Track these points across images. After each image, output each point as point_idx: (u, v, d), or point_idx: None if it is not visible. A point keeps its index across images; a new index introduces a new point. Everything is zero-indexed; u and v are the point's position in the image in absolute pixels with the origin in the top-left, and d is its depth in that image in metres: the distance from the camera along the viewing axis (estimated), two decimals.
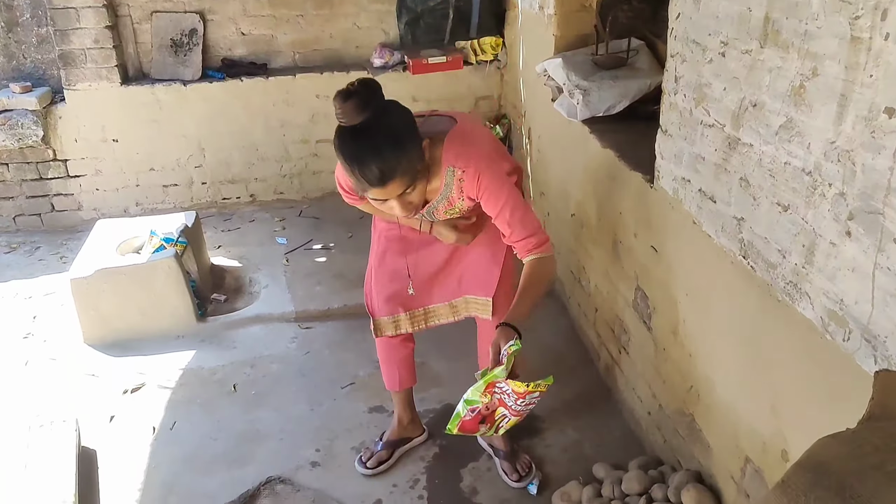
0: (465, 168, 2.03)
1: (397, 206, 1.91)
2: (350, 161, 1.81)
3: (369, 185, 1.82)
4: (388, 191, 1.84)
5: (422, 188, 1.97)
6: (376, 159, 1.77)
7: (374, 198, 1.89)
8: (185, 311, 3.49)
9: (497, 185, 2.04)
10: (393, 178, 1.81)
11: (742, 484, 1.98)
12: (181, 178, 4.84)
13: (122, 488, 2.57)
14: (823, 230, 1.51)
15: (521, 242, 2.07)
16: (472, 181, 2.04)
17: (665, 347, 2.45)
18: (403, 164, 1.82)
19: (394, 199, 1.88)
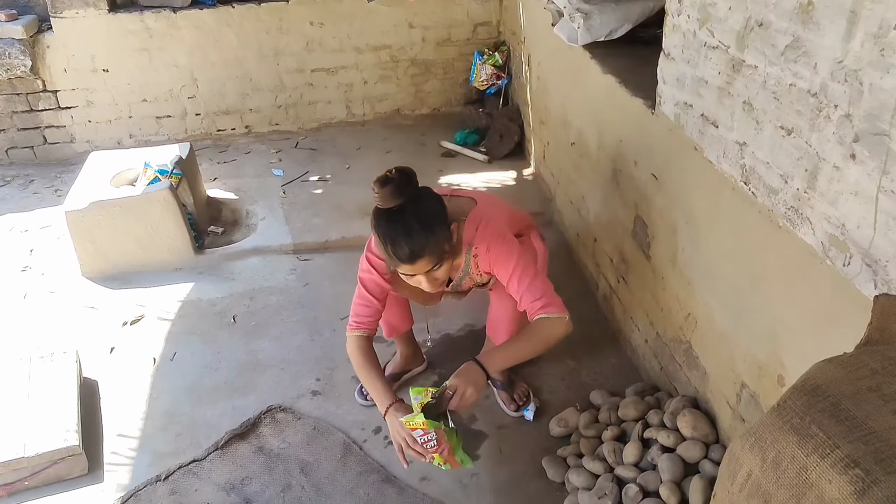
0: (477, 245, 2.22)
1: (424, 282, 2.08)
2: (384, 239, 1.98)
3: (400, 262, 1.99)
4: (416, 268, 2.01)
5: (448, 266, 2.11)
6: (407, 239, 1.95)
7: (403, 272, 2.06)
8: (182, 243, 3.47)
9: (504, 257, 2.18)
10: (421, 256, 1.98)
11: (737, 409, 2.00)
12: (174, 109, 4.75)
13: (125, 418, 2.60)
14: (827, 153, 1.48)
15: (529, 306, 2.16)
16: (484, 256, 2.23)
17: (664, 276, 2.44)
18: (431, 244, 1.98)
19: (421, 274, 2.05)
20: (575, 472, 2.21)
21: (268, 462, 2.39)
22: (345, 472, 2.35)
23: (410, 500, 2.24)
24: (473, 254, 2.24)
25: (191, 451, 2.45)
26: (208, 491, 2.29)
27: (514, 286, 2.17)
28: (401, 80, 5.02)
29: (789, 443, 1.09)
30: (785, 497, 1.06)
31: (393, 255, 1.98)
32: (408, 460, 2.10)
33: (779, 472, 1.08)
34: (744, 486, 1.15)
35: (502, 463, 2.38)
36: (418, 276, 2.06)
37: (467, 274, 2.32)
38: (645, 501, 2.01)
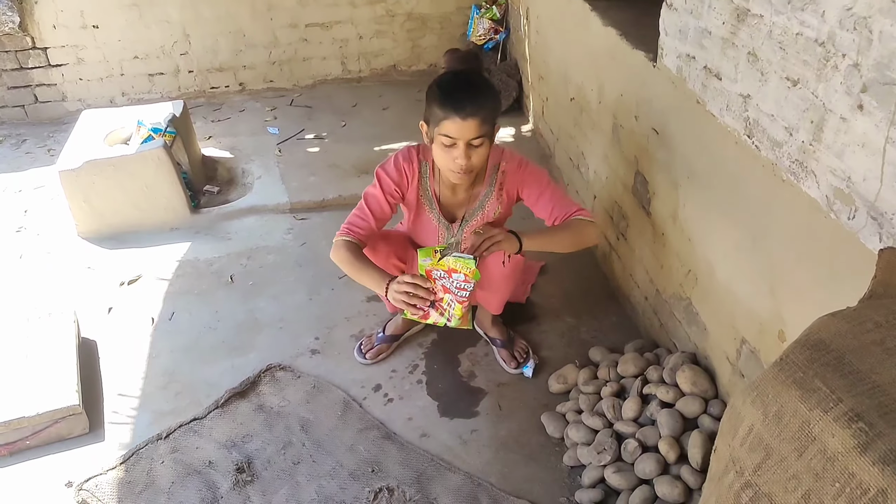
0: (509, 161, 2.23)
1: (462, 154, 2.00)
2: (444, 90, 1.99)
3: (452, 111, 1.94)
4: (466, 126, 1.96)
5: (484, 152, 2.07)
6: (469, 92, 1.97)
7: (447, 134, 1.98)
8: (178, 202, 3.44)
9: (539, 173, 2.24)
10: (477, 114, 1.95)
11: (737, 364, 2.00)
12: (167, 66, 4.68)
13: (124, 377, 2.60)
14: (834, 104, 1.44)
15: (564, 213, 2.19)
16: (514, 173, 2.24)
17: (664, 232, 2.42)
18: (489, 106, 1.99)
19: (463, 143, 1.99)
20: (574, 427, 2.22)
21: (268, 420, 2.40)
22: (345, 429, 2.36)
23: (410, 456, 2.26)
24: (501, 169, 2.24)
25: (191, 409, 2.45)
26: (209, 449, 2.30)
27: (546, 197, 2.21)
28: (397, 34, 4.94)
29: (792, 397, 1.08)
30: (787, 451, 1.05)
31: (449, 106, 1.95)
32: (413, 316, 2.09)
33: (781, 427, 1.08)
34: (745, 440, 1.14)
35: (502, 419, 2.39)
36: (458, 147, 2.00)
37: (487, 199, 2.29)
38: (644, 456, 2.02)
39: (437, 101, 1.99)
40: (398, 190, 2.25)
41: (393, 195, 2.25)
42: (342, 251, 2.20)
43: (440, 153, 2.06)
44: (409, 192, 2.30)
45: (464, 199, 2.32)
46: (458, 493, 2.14)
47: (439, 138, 2.02)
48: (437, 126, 2.00)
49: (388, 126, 4.48)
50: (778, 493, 1.05)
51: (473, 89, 2.00)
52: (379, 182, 2.24)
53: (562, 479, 2.18)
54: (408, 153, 2.26)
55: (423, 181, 2.29)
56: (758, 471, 1.09)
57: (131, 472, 2.23)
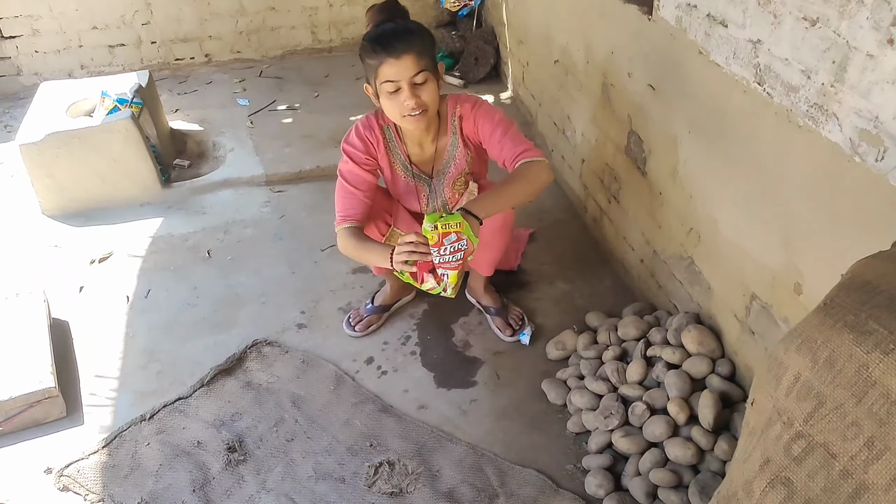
0: (462, 105, 2.16)
1: (408, 95, 1.93)
2: (370, 39, 1.93)
3: (384, 54, 1.89)
4: (401, 64, 1.90)
5: (432, 89, 2.00)
6: (394, 32, 1.92)
7: (388, 80, 1.92)
8: (147, 176, 3.28)
9: (490, 112, 2.15)
10: (408, 50, 1.89)
11: (746, 322, 1.94)
12: (128, 37, 4.47)
13: (101, 358, 2.47)
14: (860, 42, 1.38)
15: (512, 153, 2.07)
16: (468, 116, 2.16)
17: (661, 191, 2.36)
18: (418, 40, 1.93)
19: (406, 84, 1.92)
20: (577, 393, 2.16)
21: (257, 397, 2.30)
22: (339, 403, 2.27)
23: (409, 429, 2.18)
24: (459, 115, 2.17)
25: (174, 388, 2.34)
26: (196, 428, 2.19)
27: (497, 137, 2.11)
28: (368, 2, 4.77)
29: (845, 341, 1.02)
30: (843, 397, 0.99)
31: (378, 49, 1.90)
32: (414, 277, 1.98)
33: (834, 372, 1.02)
34: (791, 390, 1.08)
35: (501, 388, 2.32)
36: (403, 90, 1.93)
37: (453, 158, 2.25)
38: (653, 418, 1.97)
39: (368, 52, 1.94)
40: (369, 158, 2.17)
41: (366, 163, 2.17)
42: (346, 240, 2.11)
43: (389, 104, 1.99)
44: (379, 160, 2.23)
45: (432, 153, 2.26)
46: (462, 464, 2.06)
47: (382, 88, 1.96)
48: (376, 76, 1.94)
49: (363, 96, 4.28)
50: (835, 441, 0.99)
51: (400, 29, 1.95)
52: (348, 157, 2.16)
53: (567, 446, 2.12)
54: (367, 121, 2.20)
55: (390, 145, 2.23)
56: (809, 420, 1.03)
57: (115, 455, 2.11)
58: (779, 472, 1.06)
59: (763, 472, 1.09)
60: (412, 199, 2.39)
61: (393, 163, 2.27)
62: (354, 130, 2.19)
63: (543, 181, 2.04)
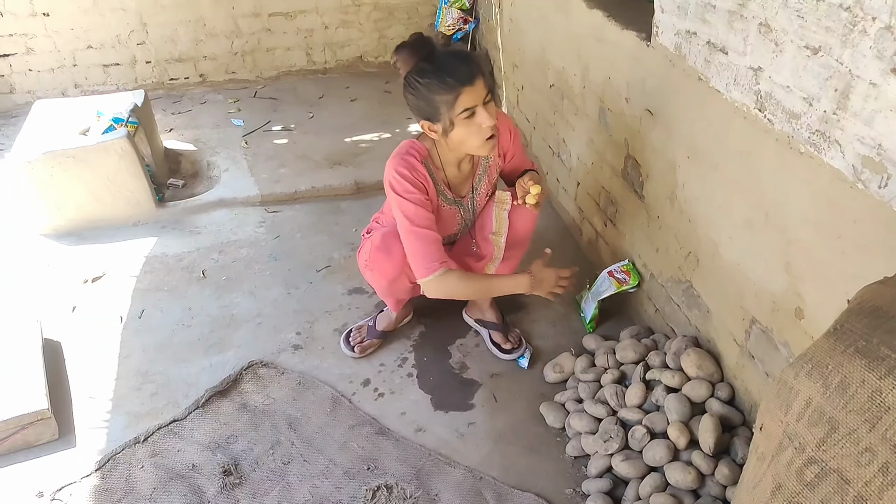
0: (501, 120, 2.18)
1: (487, 116, 1.94)
2: (433, 78, 1.90)
3: (460, 85, 1.88)
4: (477, 89, 1.91)
5: (495, 109, 2.01)
6: (460, 61, 1.92)
7: (465, 106, 1.91)
8: (142, 195, 3.27)
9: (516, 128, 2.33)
10: (481, 72, 1.93)
11: (746, 346, 1.95)
12: (123, 56, 4.47)
13: (94, 379, 2.43)
14: (862, 70, 1.40)
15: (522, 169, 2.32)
16: (505, 128, 2.24)
17: (659, 215, 2.37)
18: (479, 64, 1.97)
19: (482, 106, 1.93)
20: (576, 416, 2.15)
21: (253, 419, 2.27)
22: (336, 426, 2.25)
23: (407, 452, 2.16)
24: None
25: (169, 410, 2.31)
26: (192, 451, 2.16)
27: (518, 150, 2.33)
28: (363, 25, 4.82)
29: (857, 366, 1.03)
30: (856, 422, 1.00)
31: (454, 81, 1.88)
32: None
33: (846, 398, 1.02)
34: (802, 415, 1.08)
35: (498, 411, 2.31)
36: (479, 113, 1.93)
37: (486, 171, 2.30)
38: (653, 443, 1.96)
39: (435, 88, 1.90)
40: (427, 197, 2.09)
41: (424, 205, 2.07)
42: (456, 282, 2.10)
43: (467, 132, 1.96)
44: (430, 195, 2.14)
45: (469, 171, 2.26)
46: (460, 488, 2.04)
47: (460, 118, 1.93)
48: (452, 108, 1.92)
49: (358, 117, 4.36)
50: (849, 467, 0.99)
51: (461, 56, 1.96)
52: (407, 199, 2.04)
53: (566, 470, 2.11)
54: (407, 163, 2.06)
55: (433, 178, 2.15)
56: (822, 446, 1.03)
57: (108, 478, 2.08)
58: (791, 498, 1.06)
59: (775, 497, 1.09)
60: (452, 224, 2.33)
61: (439, 196, 2.20)
62: (401, 176, 2.04)
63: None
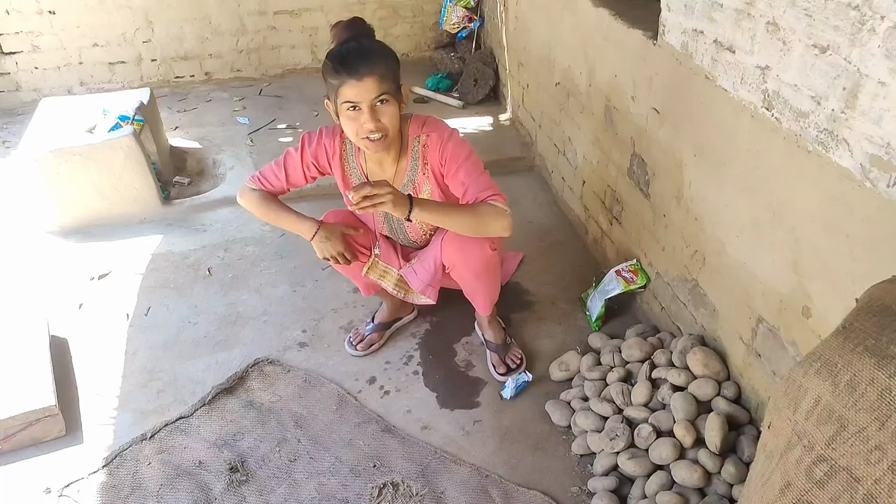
0: (429, 133, 2.09)
1: (367, 117, 1.89)
2: (332, 60, 1.89)
3: (346, 75, 1.84)
4: (363, 86, 1.85)
5: (392, 112, 1.94)
6: (357, 52, 1.87)
7: (348, 100, 1.87)
8: (148, 193, 3.28)
9: (460, 146, 2.08)
10: (372, 73, 1.85)
11: (752, 344, 1.95)
12: (129, 54, 4.48)
13: (101, 376, 2.45)
14: (871, 69, 1.40)
15: (477, 196, 2.02)
16: (435, 145, 2.08)
17: (665, 213, 2.37)
18: (382, 62, 1.88)
19: (366, 106, 1.87)
20: (582, 414, 2.15)
21: (259, 416, 2.28)
22: (341, 423, 2.26)
23: (413, 450, 2.16)
24: (423, 143, 2.11)
25: (175, 407, 2.32)
26: (198, 448, 2.16)
27: (461, 176, 2.04)
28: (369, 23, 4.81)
29: (866, 365, 1.03)
30: (866, 421, 1.00)
31: (340, 70, 1.85)
32: None
33: (856, 396, 1.02)
34: (811, 413, 1.08)
35: (504, 409, 2.31)
36: (363, 112, 1.88)
37: (415, 173, 2.16)
38: (659, 441, 1.96)
39: (330, 71, 1.90)
40: (315, 163, 2.18)
41: (309, 167, 2.18)
42: (250, 197, 2.21)
43: (348, 124, 1.95)
44: (333, 170, 2.20)
45: (392, 174, 2.18)
46: (466, 485, 2.05)
47: (342, 108, 1.91)
48: (337, 96, 1.90)
49: None
50: (859, 465, 0.99)
51: (364, 50, 1.90)
52: (301, 148, 2.17)
53: (571, 468, 2.11)
54: (333, 129, 2.18)
55: (348, 159, 2.19)
56: (831, 444, 1.03)
57: (115, 475, 2.09)
58: (801, 496, 1.06)
59: (784, 495, 1.09)
60: (367, 217, 2.36)
61: (348, 176, 2.21)
62: (319, 132, 2.19)
63: (496, 229, 2.01)
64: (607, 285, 2.56)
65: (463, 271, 2.23)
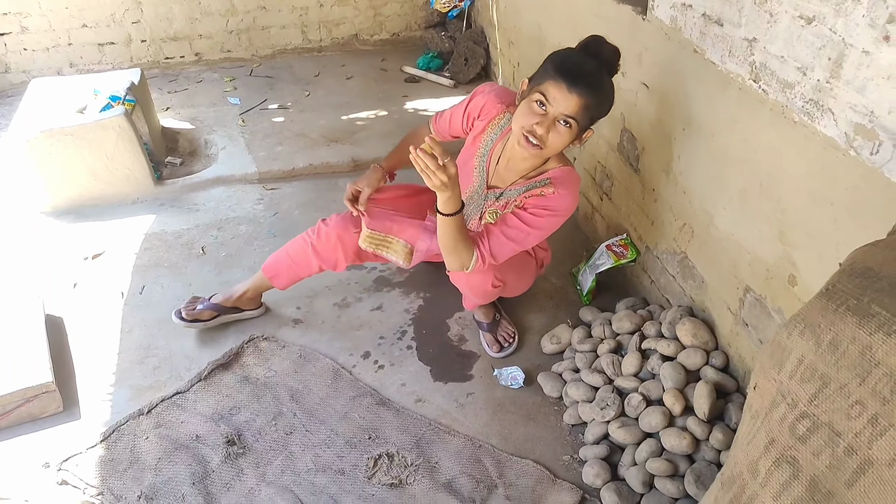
0: (556, 188, 2.01)
1: (543, 123, 1.85)
2: (565, 57, 1.85)
3: (562, 79, 1.80)
4: (566, 98, 1.82)
5: (565, 138, 1.90)
6: (591, 70, 1.83)
7: (543, 92, 1.84)
8: (140, 173, 3.28)
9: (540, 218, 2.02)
10: (584, 95, 1.81)
11: (740, 314, 1.99)
12: (118, 35, 4.45)
13: (96, 353, 2.46)
14: (855, 39, 1.42)
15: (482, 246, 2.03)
16: (540, 199, 2.01)
17: (654, 188, 2.40)
18: (597, 99, 1.85)
19: (552, 113, 1.84)
20: (573, 385, 2.19)
21: (255, 391, 2.30)
22: (337, 397, 2.29)
23: (407, 422, 2.19)
24: (542, 187, 2.03)
25: (172, 383, 2.34)
26: (195, 422, 2.19)
27: (505, 225, 2.03)
28: (358, 2, 4.81)
29: (848, 324, 1.06)
30: (847, 377, 1.03)
31: (564, 71, 1.81)
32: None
33: (838, 354, 1.05)
34: (795, 372, 1.12)
35: (496, 382, 2.35)
36: (545, 116, 1.85)
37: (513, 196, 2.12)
38: (648, 409, 2.00)
39: (554, 63, 1.85)
40: (474, 115, 2.20)
41: (469, 117, 2.22)
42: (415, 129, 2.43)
43: (524, 111, 1.89)
44: (475, 129, 2.20)
45: (509, 179, 2.15)
46: (460, 455, 2.08)
47: (533, 96, 1.87)
48: (539, 84, 1.86)
49: (354, 95, 4.37)
50: (840, 420, 1.02)
51: (596, 77, 1.85)
52: (472, 97, 2.20)
53: (563, 438, 2.15)
54: (504, 93, 2.17)
55: (492, 129, 2.15)
56: (814, 401, 1.07)
57: (113, 449, 2.11)
58: (784, 452, 1.09)
59: (768, 451, 1.13)
60: (463, 178, 2.23)
61: (479, 145, 2.20)
62: (493, 89, 2.19)
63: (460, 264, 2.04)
64: (598, 260, 2.59)
65: (461, 281, 2.27)
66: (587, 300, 2.63)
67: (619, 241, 2.59)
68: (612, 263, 2.54)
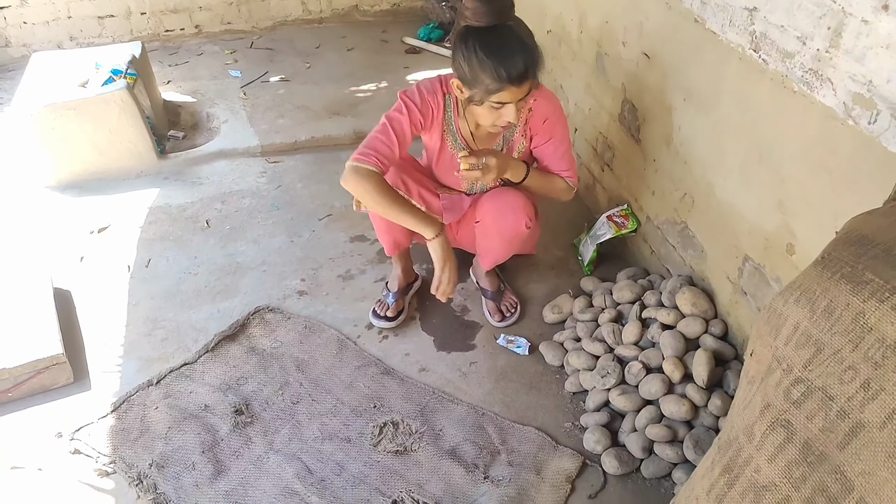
0: (536, 98, 2.09)
1: (513, 115, 1.91)
2: (490, 56, 1.82)
3: (508, 82, 1.83)
4: (521, 91, 1.87)
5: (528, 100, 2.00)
6: (523, 54, 1.82)
7: (498, 100, 1.89)
8: (143, 147, 3.29)
9: (563, 125, 2.19)
10: (533, 75, 1.87)
11: (739, 283, 2.01)
12: (117, 7, 4.44)
13: (105, 326, 2.50)
14: (854, 8, 1.43)
15: (559, 172, 2.23)
16: (541, 113, 2.13)
17: (655, 158, 2.41)
18: (539, 64, 1.88)
19: (512, 104, 1.89)
20: (574, 354, 2.23)
21: (262, 361, 2.34)
22: (342, 367, 2.32)
23: (411, 390, 2.23)
24: (529, 106, 2.12)
25: (179, 354, 2.38)
26: (203, 392, 2.23)
27: (551, 148, 2.20)
28: None
29: (842, 291, 1.08)
30: (841, 343, 1.06)
31: (502, 75, 1.81)
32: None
33: (832, 321, 1.08)
34: (790, 339, 1.14)
35: (499, 351, 2.38)
36: (510, 108, 1.90)
37: (513, 132, 2.20)
38: (648, 377, 2.04)
39: (487, 70, 1.83)
40: (422, 121, 2.10)
41: (417, 126, 2.10)
42: (365, 181, 1.97)
43: (486, 114, 1.95)
44: (432, 128, 2.17)
45: (488, 133, 2.19)
46: (463, 423, 2.13)
47: (489, 104, 1.91)
48: (489, 95, 1.88)
49: (355, 66, 4.36)
50: (833, 384, 1.05)
51: (521, 48, 1.83)
52: (406, 108, 2.06)
53: (564, 405, 2.19)
54: (432, 86, 2.11)
55: (447, 116, 2.16)
56: (808, 366, 1.10)
57: (124, 419, 2.15)
58: (779, 416, 1.13)
59: (763, 416, 1.16)
60: (450, 173, 2.30)
61: (445, 133, 2.20)
62: (418, 89, 2.10)
63: (561, 196, 2.29)
64: (599, 230, 2.61)
65: (491, 229, 2.28)
66: (588, 270, 2.65)
67: (620, 212, 2.61)
68: (612, 234, 2.56)
